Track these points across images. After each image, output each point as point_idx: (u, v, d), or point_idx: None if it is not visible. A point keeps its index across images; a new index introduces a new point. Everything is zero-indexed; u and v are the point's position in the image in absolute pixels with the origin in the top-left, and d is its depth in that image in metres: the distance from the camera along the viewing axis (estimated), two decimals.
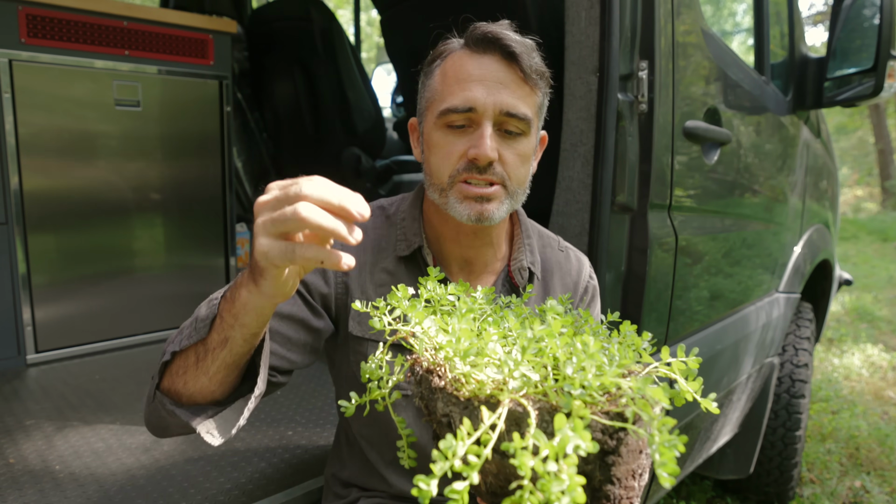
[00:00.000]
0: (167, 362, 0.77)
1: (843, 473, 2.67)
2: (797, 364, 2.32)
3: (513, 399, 0.50)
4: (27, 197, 1.89)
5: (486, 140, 0.82)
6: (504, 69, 0.84)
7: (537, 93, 0.88)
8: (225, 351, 0.72)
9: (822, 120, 2.59)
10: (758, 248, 1.95)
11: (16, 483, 1.22)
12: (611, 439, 0.50)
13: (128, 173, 2.09)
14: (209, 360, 0.74)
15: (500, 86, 0.83)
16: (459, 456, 0.42)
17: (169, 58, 2.10)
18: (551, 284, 1.02)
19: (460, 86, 0.84)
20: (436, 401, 0.56)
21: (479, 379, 0.54)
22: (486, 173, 0.84)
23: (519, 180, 0.88)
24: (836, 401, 3.43)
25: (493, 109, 0.83)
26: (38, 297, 1.94)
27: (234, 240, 2.38)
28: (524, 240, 1.00)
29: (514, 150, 0.86)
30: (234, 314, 0.69)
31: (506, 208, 0.87)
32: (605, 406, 0.51)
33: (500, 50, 0.84)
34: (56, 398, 1.67)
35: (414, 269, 0.96)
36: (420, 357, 0.60)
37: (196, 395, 0.77)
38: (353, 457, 1.06)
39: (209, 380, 0.75)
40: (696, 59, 1.47)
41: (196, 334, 0.74)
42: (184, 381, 0.77)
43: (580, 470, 0.49)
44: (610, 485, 0.51)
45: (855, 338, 4.61)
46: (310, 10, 2.45)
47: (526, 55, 0.84)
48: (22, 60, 1.83)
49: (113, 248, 2.09)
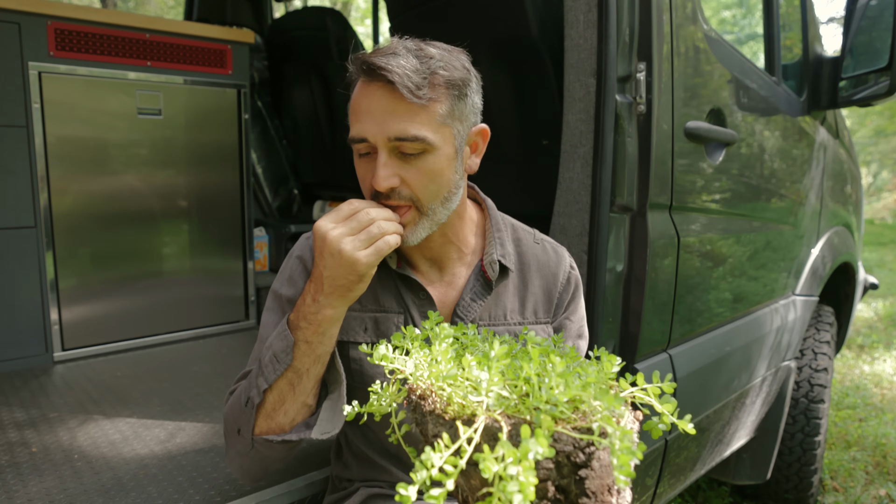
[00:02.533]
0: (260, 403, 0.88)
1: (869, 482, 2.61)
2: (816, 368, 2.28)
3: (490, 416, 0.56)
4: (55, 203, 1.99)
5: (379, 171, 0.85)
6: (387, 95, 0.84)
7: (435, 105, 0.86)
8: (318, 366, 0.87)
9: (841, 122, 2.54)
10: (770, 250, 1.93)
11: (37, 470, 1.29)
12: (582, 453, 0.54)
13: (149, 180, 2.18)
14: (304, 381, 0.87)
15: (387, 114, 0.84)
16: (437, 466, 0.49)
17: (189, 68, 2.19)
18: (529, 277, 1.03)
19: (355, 117, 0.88)
20: (426, 423, 0.62)
21: (461, 402, 0.60)
22: (392, 198, 0.88)
23: (430, 197, 0.89)
24: (863, 408, 3.34)
25: (381, 137, 0.85)
26: (64, 298, 2.04)
27: (252, 244, 2.45)
28: (494, 233, 1.01)
29: (418, 170, 0.87)
30: (321, 332, 0.85)
31: (423, 228, 0.90)
32: (576, 422, 0.55)
33: (380, 78, 0.84)
34: (79, 393, 1.75)
35: (384, 269, 0.99)
36: (414, 385, 0.66)
37: (297, 417, 0.90)
38: (353, 456, 1.10)
39: (307, 396, 0.89)
40: (697, 60, 1.47)
41: (280, 365, 0.86)
42: (284, 411, 0.89)
43: (556, 484, 0.55)
44: (585, 498, 0.55)
45: (888, 345, 4.48)
46: (325, 19, 2.52)
47: (406, 78, 0.83)
48: (51, 73, 1.93)
49: (135, 251, 2.18)
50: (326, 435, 0.88)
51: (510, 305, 1.02)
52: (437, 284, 1.01)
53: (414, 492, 0.47)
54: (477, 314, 1.00)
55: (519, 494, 0.46)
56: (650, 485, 1.52)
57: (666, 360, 1.47)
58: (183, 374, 1.92)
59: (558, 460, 0.54)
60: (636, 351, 1.38)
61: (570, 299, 1.06)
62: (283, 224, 2.82)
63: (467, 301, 0.99)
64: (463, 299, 0.99)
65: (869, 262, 7.73)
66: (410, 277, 0.98)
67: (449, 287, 1.01)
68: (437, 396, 0.62)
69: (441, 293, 1.00)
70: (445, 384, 0.62)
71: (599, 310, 1.31)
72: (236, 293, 2.44)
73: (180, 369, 1.97)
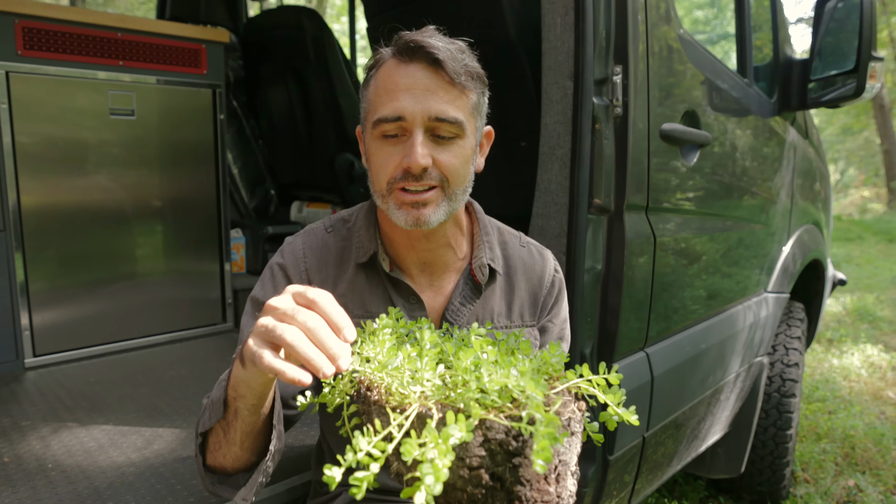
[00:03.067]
0: (202, 443, 0.86)
1: (838, 473, 2.68)
2: (787, 363, 2.34)
3: (423, 405, 0.58)
4: (24, 205, 1.94)
5: (416, 148, 0.84)
6: (430, 76, 0.85)
7: (469, 94, 0.89)
8: (238, 421, 0.80)
9: (810, 122, 2.61)
10: (743, 248, 1.97)
11: (9, 481, 1.26)
12: (515, 440, 0.55)
13: (123, 181, 2.14)
14: (232, 432, 0.82)
15: (428, 93, 0.85)
16: (364, 451, 0.51)
17: (163, 67, 2.15)
18: (515, 280, 1.04)
19: (389, 96, 0.86)
20: (371, 413, 0.63)
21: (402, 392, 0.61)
22: (422, 179, 0.86)
23: (458, 181, 0.89)
24: (833, 401, 3.43)
25: (421, 117, 0.85)
26: (35, 302, 1.99)
27: (228, 245, 2.43)
28: (483, 237, 1.02)
29: (449, 153, 0.87)
30: (234, 387, 0.77)
31: (443, 210, 0.89)
32: (510, 411, 0.56)
33: (425, 57, 0.85)
34: (52, 400, 1.71)
35: (373, 274, 0.99)
36: (362, 377, 0.67)
37: (237, 464, 0.86)
38: (332, 462, 1.09)
39: (240, 448, 0.83)
40: (671, 62, 1.50)
41: (215, 415, 0.81)
42: (223, 455, 0.85)
43: (490, 472, 0.56)
44: (520, 486, 0.55)
45: (855, 338, 4.61)
46: (301, 19, 2.50)
47: (451, 60, 0.85)
48: (19, 72, 1.88)
49: (109, 254, 2.14)
50: (245, 503, 0.86)
51: (497, 309, 1.03)
52: (426, 289, 1.00)
53: (339, 473, 0.49)
54: (466, 318, 1.00)
55: (431, 476, 0.47)
56: (628, 481, 1.55)
57: (643, 358, 1.49)
58: (159, 379, 1.89)
59: (491, 448, 0.55)
60: (615, 349, 1.39)
61: (554, 302, 1.08)
62: (260, 225, 2.79)
63: (456, 305, 0.99)
64: (452, 303, 0.99)
65: (837, 258, 7.94)
66: (401, 281, 0.97)
67: (438, 292, 1.01)
68: (381, 387, 0.63)
69: (430, 298, 1.00)
70: (386, 375, 0.63)
71: (578, 309, 1.33)
72: (213, 295, 2.41)
73: (156, 374, 1.94)
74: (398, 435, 0.54)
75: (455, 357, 0.62)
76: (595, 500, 1.43)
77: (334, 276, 0.99)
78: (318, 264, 0.99)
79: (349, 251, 1.00)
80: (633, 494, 1.61)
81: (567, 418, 0.58)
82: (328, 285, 0.98)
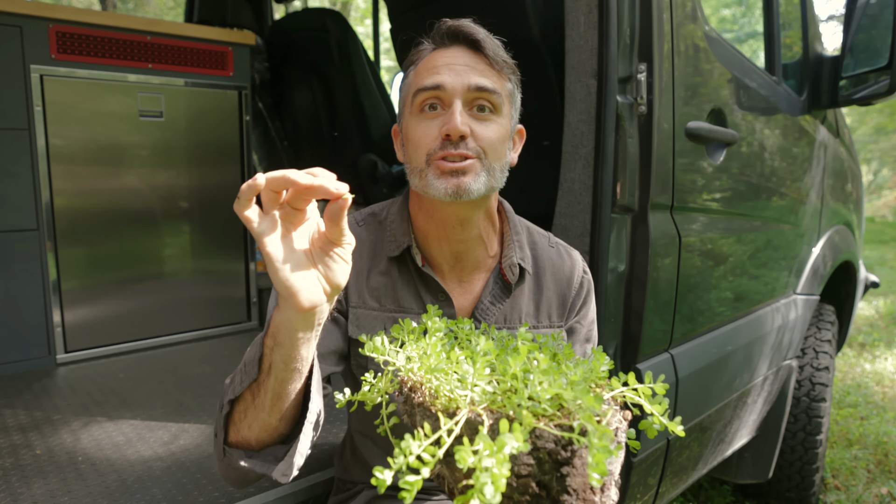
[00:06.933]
0: (228, 413, 0.79)
1: (870, 480, 2.61)
2: (817, 367, 2.28)
3: (472, 410, 0.57)
4: (57, 205, 1.99)
5: (456, 115, 0.85)
6: (471, 56, 0.88)
7: (506, 79, 0.91)
8: (271, 378, 0.73)
9: (842, 120, 2.55)
10: (771, 249, 1.93)
11: (41, 472, 1.30)
12: (564, 450, 0.54)
13: (151, 181, 2.18)
14: (262, 394, 0.75)
15: (468, 68, 0.87)
16: (415, 454, 0.49)
17: (190, 70, 2.19)
18: (544, 281, 1.03)
19: (430, 72, 0.88)
20: (415, 415, 0.62)
21: (449, 395, 0.60)
22: (460, 148, 0.86)
23: (495, 156, 0.89)
24: (865, 406, 3.34)
25: (461, 86, 0.86)
26: (67, 300, 2.04)
27: (253, 244, 2.46)
28: (513, 236, 1.01)
29: (487, 127, 0.88)
30: (272, 336, 0.71)
31: (483, 181, 0.88)
32: (559, 419, 0.55)
33: (464, 40, 0.88)
34: (82, 395, 1.75)
35: (405, 269, 0.98)
36: (406, 377, 0.66)
37: (263, 436, 0.78)
38: (356, 460, 1.10)
39: (268, 414, 0.76)
40: (697, 60, 1.48)
41: (248, 377, 0.75)
42: (248, 425, 0.78)
43: (537, 480, 0.55)
44: (566, 495, 0.55)
45: (889, 343, 4.49)
46: (326, 21, 2.52)
47: (491, 42, 0.89)
48: (53, 75, 1.93)
49: (137, 253, 2.19)
50: (284, 478, 0.78)
51: (525, 309, 1.02)
52: (456, 287, 1.00)
53: (389, 476, 0.48)
54: (495, 318, 0.99)
55: (491, 486, 0.46)
56: (652, 484, 1.53)
57: (668, 359, 1.47)
58: (185, 376, 1.93)
59: (539, 457, 0.55)
60: (638, 351, 1.38)
61: (582, 304, 1.06)
62: None
63: (486, 304, 0.99)
64: (482, 302, 0.99)
65: (870, 260, 7.73)
66: (431, 277, 0.97)
67: (467, 290, 1.00)
68: (426, 389, 0.62)
69: (459, 296, 0.99)
70: (434, 377, 0.62)
71: (601, 310, 1.31)
72: (238, 294, 2.44)
73: (183, 371, 1.98)
74: (448, 440, 0.53)
75: (501, 360, 0.62)
76: (619, 502, 1.41)
77: (367, 268, 0.99)
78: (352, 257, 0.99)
79: (381, 245, 1.00)
80: (657, 497, 1.58)
81: (615, 429, 0.57)
82: (362, 278, 0.98)
